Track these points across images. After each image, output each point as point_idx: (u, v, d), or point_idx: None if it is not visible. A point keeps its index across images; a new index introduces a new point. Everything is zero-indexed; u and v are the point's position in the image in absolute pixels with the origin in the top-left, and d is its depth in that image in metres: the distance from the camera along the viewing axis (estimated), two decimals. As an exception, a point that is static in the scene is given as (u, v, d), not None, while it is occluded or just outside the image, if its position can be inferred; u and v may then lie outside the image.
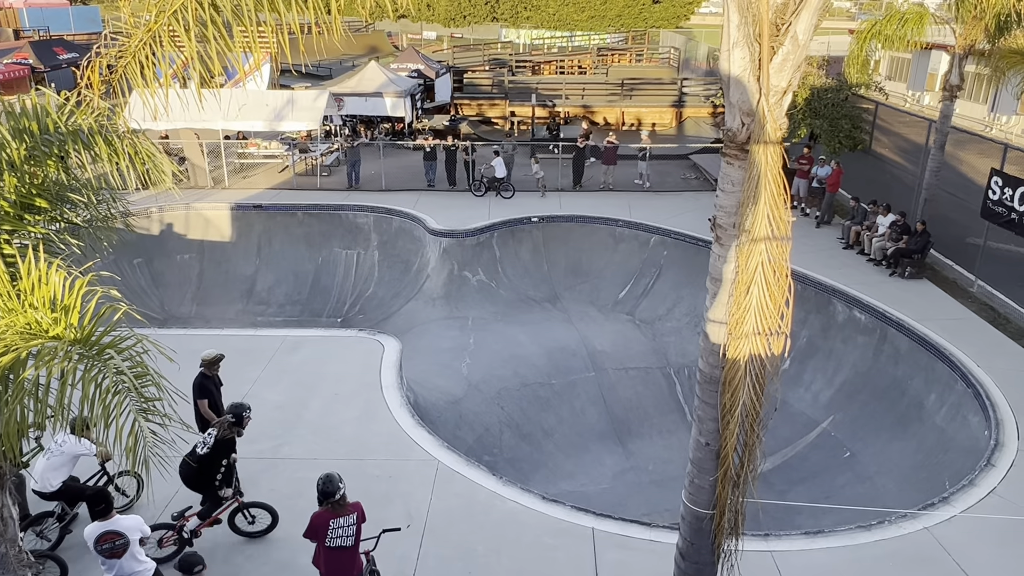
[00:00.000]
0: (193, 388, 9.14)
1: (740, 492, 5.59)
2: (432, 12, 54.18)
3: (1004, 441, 10.27)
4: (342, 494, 6.80)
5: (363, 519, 6.95)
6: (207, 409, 9.18)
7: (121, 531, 6.66)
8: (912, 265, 15.63)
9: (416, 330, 16.66)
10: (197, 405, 9.16)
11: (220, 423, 8.13)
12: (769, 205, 4.61)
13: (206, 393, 9.22)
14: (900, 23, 15.74)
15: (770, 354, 4.98)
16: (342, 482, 6.85)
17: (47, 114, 5.91)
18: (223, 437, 8.01)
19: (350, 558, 6.89)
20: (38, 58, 35.99)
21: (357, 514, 6.86)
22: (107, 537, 6.62)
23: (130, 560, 6.74)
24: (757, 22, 4.48)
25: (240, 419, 8.14)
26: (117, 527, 6.66)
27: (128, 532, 6.70)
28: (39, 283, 5.12)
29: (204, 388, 9.22)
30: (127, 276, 18.29)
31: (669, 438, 14.23)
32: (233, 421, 8.10)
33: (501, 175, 21.05)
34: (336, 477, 6.85)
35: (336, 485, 6.79)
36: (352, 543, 6.83)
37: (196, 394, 9.15)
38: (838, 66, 23.83)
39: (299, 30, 5.69)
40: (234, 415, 8.14)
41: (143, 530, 6.87)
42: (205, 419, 9.13)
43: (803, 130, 20.01)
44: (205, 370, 9.31)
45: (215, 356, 9.38)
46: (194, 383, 9.18)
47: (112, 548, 6.65)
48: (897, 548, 8.43)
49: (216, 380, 9.43)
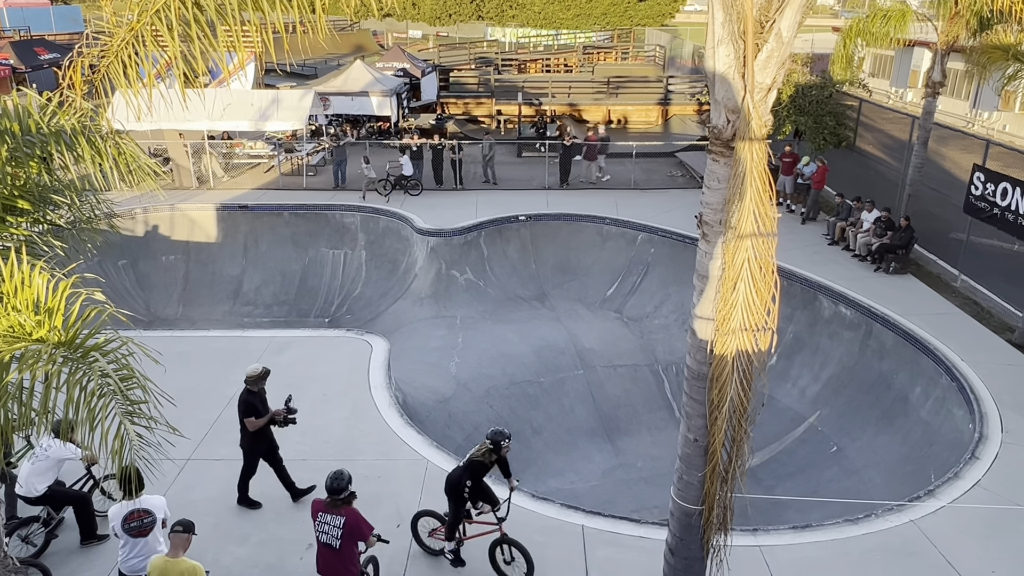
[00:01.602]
0: (239, 406, 8.73)
1: (728, 487, 5.63)
2: (417, 11, 54.01)
3: (988, 434, 10.37)
4: (343, 497, 6.67)
5: (354, 529, 6.68)
6: (255, 425, 8.73)
7: (150, 509, 6.73)
8: (896, 261, 15.76)
9: (404, 330, 16.63)
10: (244, 423, 8.73)
11: (480, 446, 7.74)
12: (755, 202, 4.64)
13: (252, 411, 8.71)
14: (883, 21, 15.85)
15: (757, 350, 5.01)
16: (350, 485, 6.73)
17: (29, 115, 5.85)
18: (477, 459, 7.66)
19: (338, 562, 6.74)
20: (19, 58, 35.63)
21: (345, 519, 6.65)
22: (136, 515, 6.68)
23: (154, 539, 6.77)
24: (742, 19, 4.50)
25: (498, 446, 7.70)
26: (146, 505, 6.73)
27: (156, 511, 6.78)
28: (22, 285, 5.06)
29: (250, 405, 8.72)
30: (112, 278, 18.14)
31: (658, 435, 14.28)
32: (491, 447, 7.69)
33: (409, 173, 21.18)
34: (346, 477, 6.74)
35: (340, 484, 6.68)
36: (338, 546, 6.66)
37: (242, 412, 8.71)
38: (823, 63, 23.98)
39: (284, 29, 5.66)
40: (493, 441, 7.70)
41: (166, 509, 6.94)
42: (253, 437, 8.77)
43: (788, 127, 20.13)
44: (250, 386, 8.76)
45: (260, 372, 8.79)
46: (239, 401, 8.75)
47: (140, 526, 6.70)
48: (884, 541, 8.50)
49: (262, 396, 8.88)
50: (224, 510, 8.93)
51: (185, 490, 9.23)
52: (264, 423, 8.79)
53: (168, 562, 6.31)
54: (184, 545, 6.37)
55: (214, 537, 8.37)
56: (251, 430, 8.76)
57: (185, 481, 9.44)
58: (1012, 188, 13.23)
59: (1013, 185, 13.23)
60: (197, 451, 10.07)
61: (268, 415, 8.80)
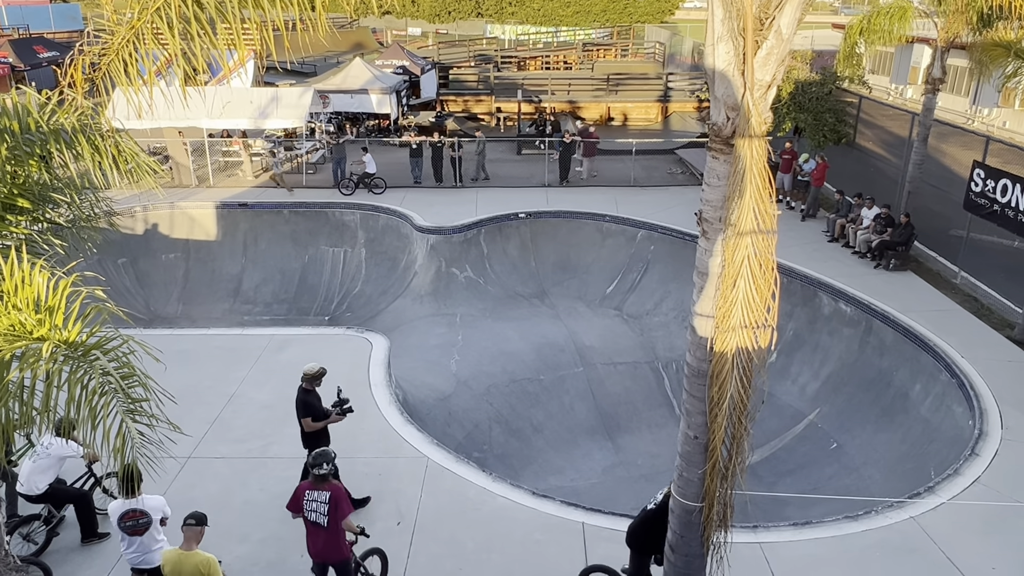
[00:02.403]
0: (296, 406, 8.68)
1: (728, 485, 5.63)
2: (417, 8, 53.96)
3: (988, 431, 10.38)
4: (324, 472, 6.81)
5: (339, 502, 6.78)
6: (312, 426, 8.68)
7: (146, 510, 6.82)
8: (896, 257, 15.76)
9: (404, 327, 16.63)
10: (302, 423, 8.68)
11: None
12: (755, 199, 4.64)
13: (311, 410, 8.66)
14: (886, 18, 15.84)
15: (757, 347, 5.02)
16: (332, 463, 6.87)
17: (28, 113, 5.85)
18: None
19: (327, 540, 6.85)
20: (18, 57, 35.61)
21: (331, 494, 6.76)
22: (132, 515, 6.78)
23: (150, 538, 6.90)
24: (741, 16, 4.50)
25: None
26: (142, 506, 6.81)
27: (152, 512, 6.87)
28: (22, 284, 5.06)
29: (309, 405, 8.66)
30: (112, 276, 18.14)
31: (658, 432, 14.29)
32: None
33: (372, 171, 21.21)
34: (328, 455, 6.93)
35: (320, 460, 6.85)
36: (326, 523, 6.77)
37: (300, 412, 8.65)
38: (823, 60, 23.96)
39: (283, 26, 5.65)
40: None
41: (165, 510, 7.03)
42: (312, 436, 8.70)
43: (788, 124, 20.11)
44: (307, 385, 8.68)
45: (317, 371, 8.73)
46: (297, 400, 8.69)
47: (135, 525, 6.80)
48: (884, 537, 8.51)
49: (318, 395, 8.81)
50: (224, 508, 8.93)
51: (186, 488, 9.24)
52: (322, 426, 8.78)
53: (182, 555, 6.41)
54: (196, 538, 6.49)
55: (215, 535, 8.34)
56: (307, 431, 8.76)
57: (186, 479, 9.45)
58: (1012, 185, 13.23)
59: (1013, 182, 13.23)
60: (198, 449, 10.08)
61: (325, 419, 8.80)
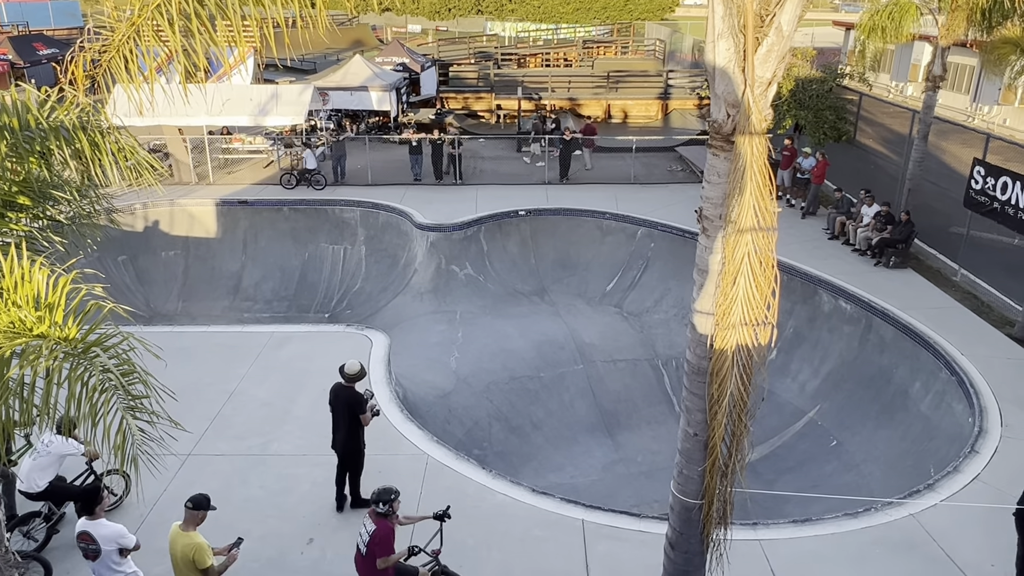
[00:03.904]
0: (343, 405, 8.69)
1: (728, 482, 5.64)
2: (417, 5, 53.94)
3: (987, 428, 10.39)
4: (383, 510, 6.69)
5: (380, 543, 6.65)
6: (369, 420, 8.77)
7: (95, 537, 6.53)
8: (896, 255, 15.76)
9: (404, 325, 16.63)
10: (360, 420, 8.72)
11: None
12: (755, 196, 4.64)
13: (363, 407, 8.75)
14: (890, 16, 15.83)
15: (757, 344, 5.01)
16: (394, 501, 6.71)
17: (28, 110, 5.84)
18: None
19: (362, 563, 6.85)
20: (17, 54, 35.53)
21: (377, 530, 6.67)
22: (82, 537, 6.60)
23: (104, 567, 6.62)
24: (742, 13, 4.49)
25: None
26: (93, 531, 6.55)
27: (102, 541, 6.54)
28: (22, 281, 5.06)
29: (359, 402, 8.74)
30: (111, 273, 18.15)
31: (658, 429, 14.30)
32: None
33: (312, 167, 21.23)
34: (387, 493, 6.72)
35: (381, 496, 6.71)
36: (364, 552, 6.75)
37: (351, 410, 8.67)
38: (825, 57, 23.94)
39: (284, 23, 5.65)
40: None
41: (121, 541, 6.63)
42: (354, 435, 8.73)
43: (788, 121, 20.09)
44: (348, 383, 8.75)
45: (360, 369, 8.82)
46: (343, 400, 8.69)
47: (85, 549, 6.60)
48: (884, 535, 8.52)
49: None
50: (224, 504, 8.87)
51: (186, 484, 9.22)
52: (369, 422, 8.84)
53: (179, 533, 6.45)
54: (195, 521, 6.44)
55: (215, 532, 8.37)
56: (366, 425, 8.81)
57: (186, 476, 9.45)
58: (1012, 182, 13.23)
59: (1013, 179, 13.23)
60: (198, 446, 10.09)
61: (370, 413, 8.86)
